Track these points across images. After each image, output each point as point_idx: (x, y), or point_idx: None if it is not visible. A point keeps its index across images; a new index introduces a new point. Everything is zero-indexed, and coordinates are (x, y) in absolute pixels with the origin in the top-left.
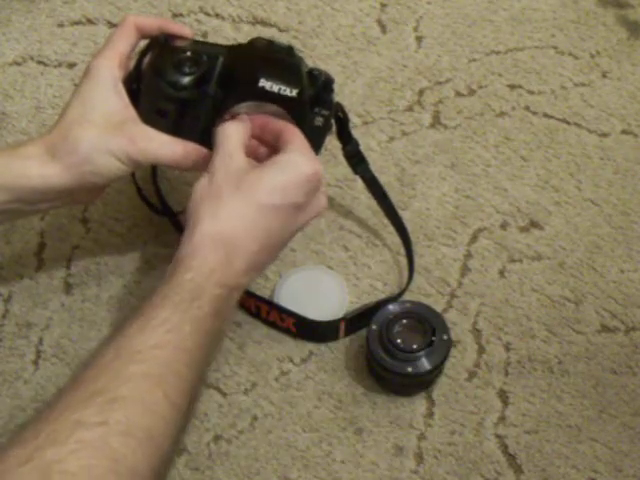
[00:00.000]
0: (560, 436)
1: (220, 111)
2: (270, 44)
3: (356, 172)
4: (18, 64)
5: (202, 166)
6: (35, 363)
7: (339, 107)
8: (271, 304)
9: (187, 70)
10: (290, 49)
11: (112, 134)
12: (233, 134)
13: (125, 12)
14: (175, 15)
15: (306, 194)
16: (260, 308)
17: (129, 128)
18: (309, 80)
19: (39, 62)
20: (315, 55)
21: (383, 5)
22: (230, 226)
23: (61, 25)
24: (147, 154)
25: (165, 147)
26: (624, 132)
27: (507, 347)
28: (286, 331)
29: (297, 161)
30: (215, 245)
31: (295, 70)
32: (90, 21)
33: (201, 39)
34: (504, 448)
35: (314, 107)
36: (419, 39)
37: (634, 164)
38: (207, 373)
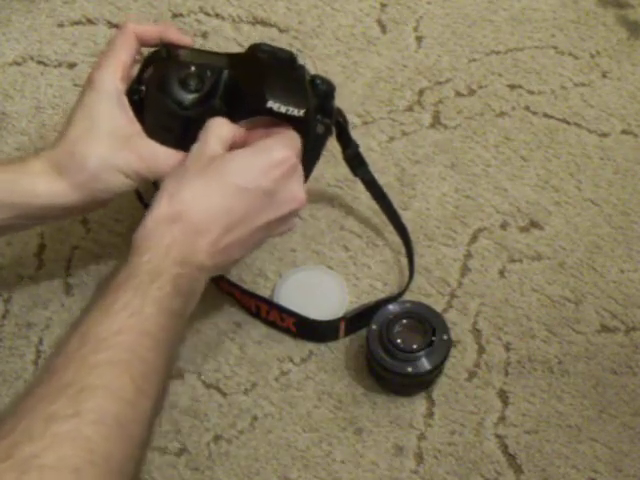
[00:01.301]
0: (560, 436)
1: None
2: (273, 55)
3: (356, 174)
4: (18, 64)
5: None
6: (35, 363)
7: (339, 113)
8: (271, 304)
9: (192, 87)
10: (293, 59)
11: (119, 150)
12: (214, 126)
13: (125, 12)
14: (175, 15)
15: (275, 180)
16: (260, 308)
17: (135, 144)
18: (311, 88)
19: (39, 62)
20: (315, 55)
21: (383, 5)
22: (188, 205)
23: (61, 25)
24: (154, 170)
25: (172, 162)
26: (624, 132)
27: (507, 347)
28: (286, 331)
29: (269, 145)
30: (170, 224)
31: (301, 87)
32: (90, 21)
33: (200, 47)
34: (504, 448)
35: (316, 116)
36: (419, 39)
37: (634, 164)
38: (176, 355)
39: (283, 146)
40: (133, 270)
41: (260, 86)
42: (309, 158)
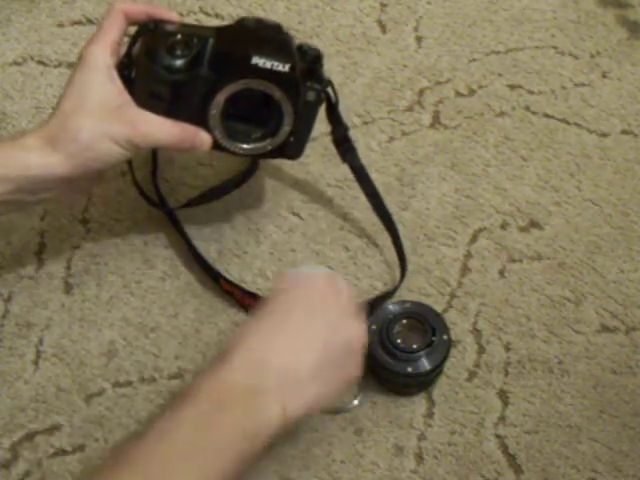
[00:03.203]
0: (560, 436)
1: (214, 91)
2: (259, 22)
3: (344, 159)
4: (18, 64)
5: (199, 147)
6: (35, 363)
7: (330, 83)
8: None
9: (179, 53)
10: (279, 27)
11: (111, 120)
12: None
13: None
14: None
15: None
16: None
17: (127, 113)
18: (299, 55)
19: (39, 62)
20: None
21: (383, 5)
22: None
23: (61, 25)
24: (147, 137)
25: (163, 130)
26: (624, 132)
27: (507, 347)
28: None
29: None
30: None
31: (286, 46)
32: (90, 21)
33: (188, 22)
34: (504, 448)
35: (306, 81)
36: (419, 39)
37: (634, 164)
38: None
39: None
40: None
41: (245, 46)
42: (301, 128)
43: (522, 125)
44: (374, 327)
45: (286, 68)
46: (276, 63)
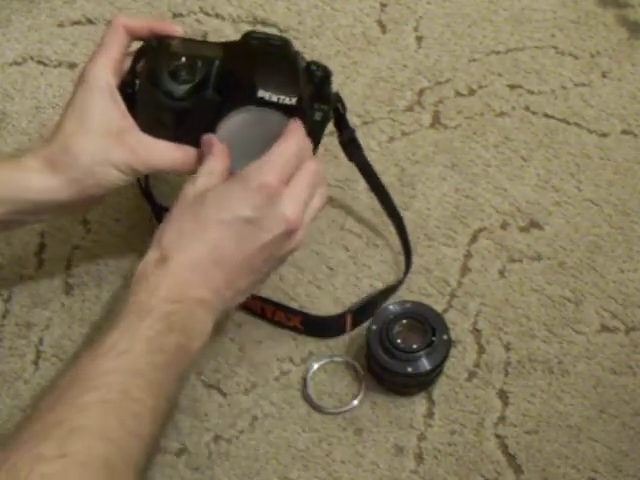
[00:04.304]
0: (560, 436)
1: (219, 115)
2: (265, 42)
3: (351, 159)
4: (18, 64)
5: None
6: (35, 363)
7: (338, 98)
8: (276, 305)
9: (183, 78)
10: (286, 45)
11: (112, 145)
12: (206, 163)
13: (125, 12)
14: (175, 15)
15: (254, 207)
16: (265, 309)
17: (129, 138)
18: (307, 77)
19: (39, 62)
20: (315, 55)
21: (383, 5)
22: (172, 246)
23: (61, 25)
24: (148, 164)
25: (165, 155)
26: (624, 132)
27: (507, 347)
28: (293, 329)
29: (245, 175)
30: (157, 267)
31: (293, 76)
32: (90, 21)
33: (191, 37)
34: (504, 448)
35: (313, 103)
36: (419, 39)
37: (634, 164)
38: (175, 393)
39: (260, 173)
40: (122, 312)
41: (251, 75)
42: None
43: (522, 125)
44: (374, 327)
45: (292, 101)
46: (282, 97)
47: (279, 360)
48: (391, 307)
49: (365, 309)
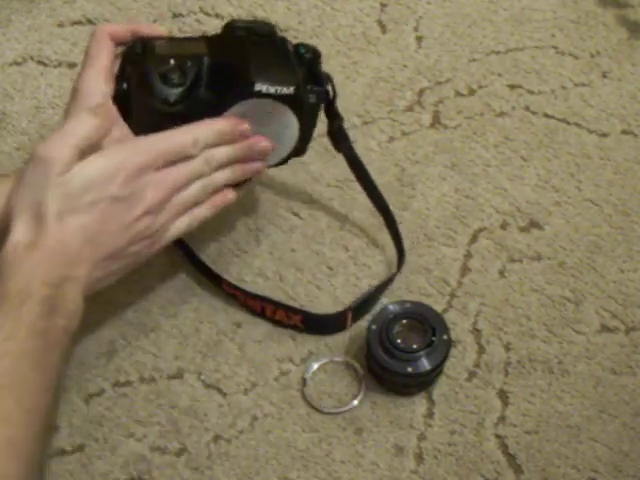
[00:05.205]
0: (560, 436)
1: (217, 112)
2: (250, 31)
3: (339, 149)
4: (18, 64)
5: None
6: None
7: (328, 78)
8: (277, 304)
9: (175, 81)
10: (271, 31)
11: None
12: (64, 134)
13: (125, 12)
14: (175, 15)
15: (120, 185)
16: (265, 308)
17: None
18: (297, 59)
19: (39, 62)
20: None
21: (383, 5)
22: (43, 230)
23: (61, 25)
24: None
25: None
26: (624, 132)
27: (507, 347)
28: (293, 328)
29: (105, 154)
30: (29, 251)
31: (287, 64)
32: (90, 21)
33: (172, 35)
34: (504, 448)
35: (307, 84)
36: (419, 39)
37: (634, 164)
38: (63, 368)
39: (116, 152)
40: (2, 296)
41: (246, 69)
42: (306, 128)
43: (522, 125)
44: (374, 327)
45: (291, 90)
46: (280, 87)
47: (279, 360)
48: (391, 307)
49: (364, 304)
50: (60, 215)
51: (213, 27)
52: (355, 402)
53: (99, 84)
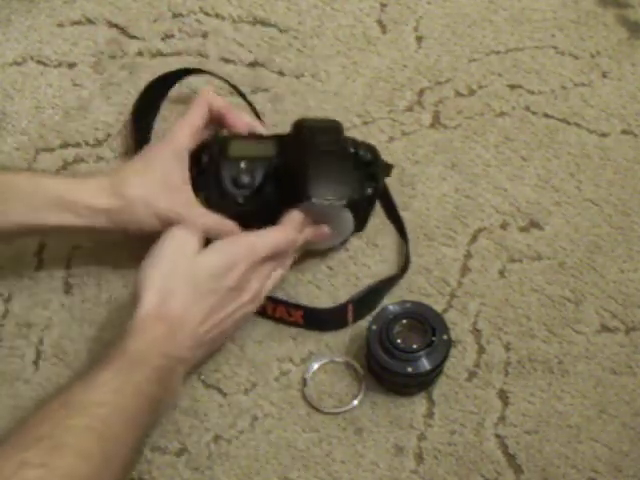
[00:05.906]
0: (560, 436)
1: (278, 211)
2: (315, 131)
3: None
4: (18, 64)
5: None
6: (35, 363)
7: (387, 168)
8: (277, 301)
9: (244, 183)
10: (337, 138)
11: (161, 193)
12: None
13: (125, 12)
14: (175, 15)
15: (236, 279)
16: (265, 306)
17: (178, 195)
18: (355, 163)
19: (39, 62)
20: (315, 55)
21: (383, 5)
22: (173, 307)
23: (61, 25)
24: (188, 224)
25: (204, 221)
26: (624, 132)
27: (507, 347)
28: (294, 325)
29: (232, 252)
30: (157, 322)
31: (344, 178)
32: (90, 21)
33: (248, 134)
34: (504, 448)
35: (364, 182)
36: (419, 39)
37: (634, 164)
38: (145, 437)
39: (236, 246)
40: (120, 354)
41: (304, 183)
42: (362, 217)
43: (522, 125)
44: (374, 327)
45: (343, 202)
46: (334, 201)
47: (279, 360)
48: (391, 307)
49: (367, 299)
50: (186, 298)
51: (213, 27)
52: (355, 402)
53: (184, 137)
